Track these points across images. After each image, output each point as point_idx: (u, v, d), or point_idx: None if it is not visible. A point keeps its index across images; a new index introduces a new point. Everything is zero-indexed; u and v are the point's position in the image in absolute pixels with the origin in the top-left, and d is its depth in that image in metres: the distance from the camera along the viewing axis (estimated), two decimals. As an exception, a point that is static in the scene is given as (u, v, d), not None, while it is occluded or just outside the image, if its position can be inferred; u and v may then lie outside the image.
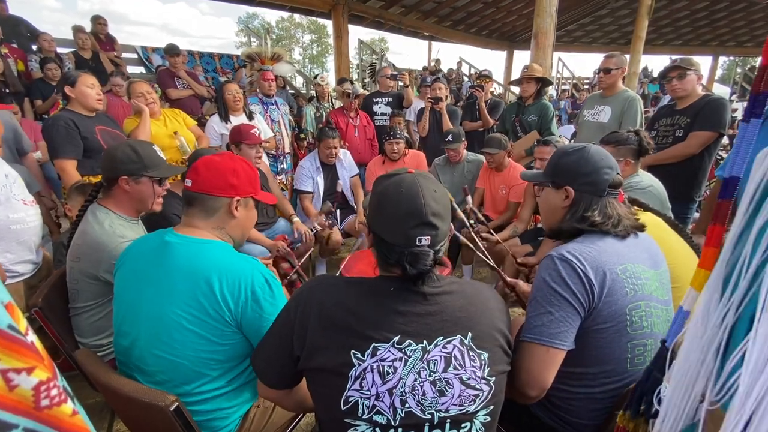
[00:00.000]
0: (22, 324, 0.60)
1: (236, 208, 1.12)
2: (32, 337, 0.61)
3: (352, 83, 4.33)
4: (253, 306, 1.02)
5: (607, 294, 0.94)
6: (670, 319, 1.05)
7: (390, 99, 4.16)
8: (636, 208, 1.45)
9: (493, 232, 2.32)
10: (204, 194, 1.09)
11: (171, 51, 4.68)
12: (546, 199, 1.15)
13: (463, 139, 3.08)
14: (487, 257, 1.92)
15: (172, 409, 0.88)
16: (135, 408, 0.95)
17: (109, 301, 1.37)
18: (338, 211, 3.21)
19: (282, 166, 3.60)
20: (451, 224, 0.87)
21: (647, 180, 1.84)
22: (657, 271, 1.05)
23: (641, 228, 1.08)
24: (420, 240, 0.79)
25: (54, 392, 0.61)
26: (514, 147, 3.47)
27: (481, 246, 2.02)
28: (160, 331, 1.02)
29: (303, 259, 2.45)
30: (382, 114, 4.11)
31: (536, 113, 3.35)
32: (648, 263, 1.04)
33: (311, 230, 2.63)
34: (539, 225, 3.07)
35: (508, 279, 1.56)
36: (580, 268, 0.94)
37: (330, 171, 3.12)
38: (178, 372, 1.03)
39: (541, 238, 2.38)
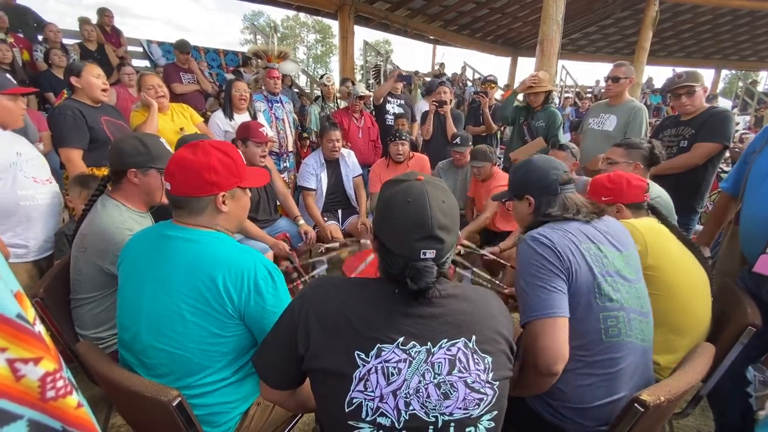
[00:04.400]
0: (30, 313, 0.59)
1: (223, 202, 1.07)
2: (39, 327, 0.61)
3: (353, 84, 4.34)
4: (256, 298, 1.01)
5: (572, 267, 1.04)
6: (641, 296, 1.13)
7: (402, 101, 4.17)
8: (651, 215, 1.49)
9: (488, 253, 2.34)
10: (186, 197, 1.03)
11: (182, 47, 4.66)
12: (516, 210, 1.32)
13: (470, 143, 3.08)
14: (486, 275, 1.97)
15: (174, 404, 0.87)
16: (136, 402, 0.94)
17: (111, 293, 1.36)
18: (340, 212, 3.22)
19: (285, 164, 3.59)
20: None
21: (655, 191, 1.84)
22: (621, 253, 1.14)
23: (601, 213, 1.20)
24: (424, 253, 0.78)
25: (60, 384, 0.60)
26: (518, 152, 3.48)
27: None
28: (162, 324, 1.01)
29: (308, 260, 2.45)
30: (394, 114, 4.13)
31: (544, 119, 3.35)
32: (611, 245, 1.13)
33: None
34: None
35: (507, 290, 1.59)
36: (548, 241, 1.06)
37: (334, 169, 3.12)
38: (181, 364, 1.03)
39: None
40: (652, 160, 1.88)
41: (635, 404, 0.91)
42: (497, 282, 2.03)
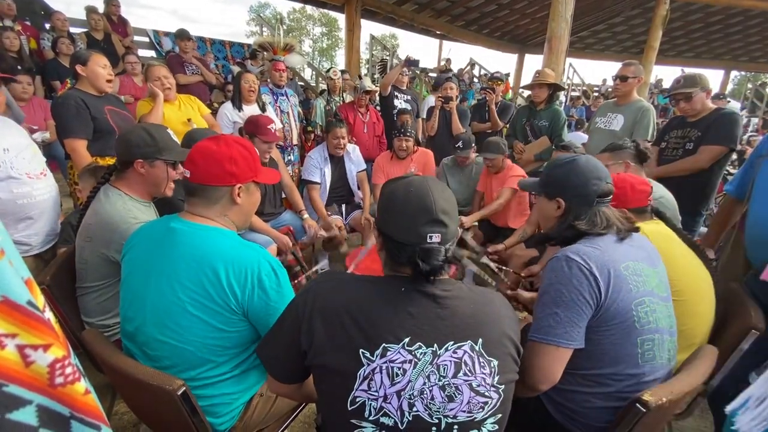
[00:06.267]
0: (40, 300, 0.60)
1: (238, 194, 1.10)
2: (49, 314, 0.61)
3: (360, 78, 4.31)
4: (259, 294, 1.02)
5: (613, 291, 0.98)
6: (671, 315, 1.10)
7: (408, 97, 4.15)
8: (655, 218, 1.47)
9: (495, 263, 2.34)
10: (204, 185, 1.06)
11: (182, 35, 4.65)
12: (541, 207, 1.23)
13: (473, 145, 3.07)
14: (489, 272, 1.97)
15: (179, 393, 0.88)
16: (141, 391, 0.95)
17: (117, 282, 1.37)
18: (344, 206, 3.22)
19: (289, 157, 3.59)
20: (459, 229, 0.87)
21: (660, 191, 1.83)
22: (655, 270, 1.09)
23: (634, 230, 1.14)
24: (431, 237, 0.79)
25: (68, 370, 0.61)
26: (525, 150, 3.46)
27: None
28: (166, 317, 1.02)
29: (311, 258, 2.46)
30: (401, 110, 4.10)
31: (547, 119, 3.33)
32: (646, 261, 1.08)
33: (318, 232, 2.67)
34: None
35: (508, 292, 1.59)
36: (585, 268, 0.99)
37: (338, 163, 3.11)
38: (184, 357, 1.03)
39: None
40: (641, 157, 1.87)
41: (637, 404, 0.92)
42: (501, 279, 2.03)
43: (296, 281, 2.21)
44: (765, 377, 0.68)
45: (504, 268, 2.27)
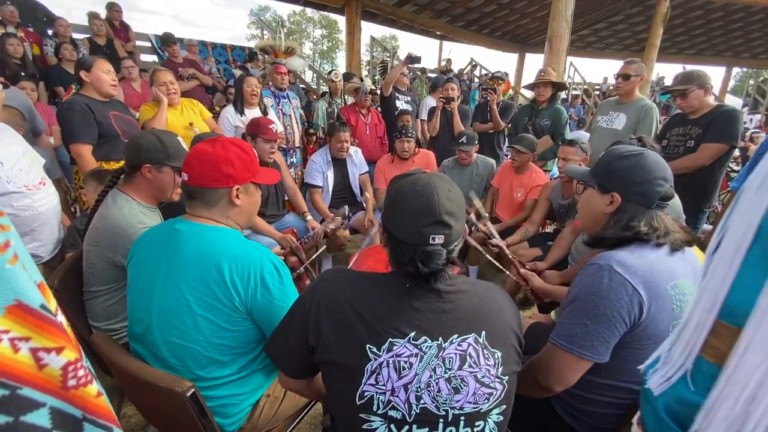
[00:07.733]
0: (53, 303, 0.61)
1: (237, 196, 1.10)
2: (61, 318, 0.62)
3: (361, 80, 4.31)
4: (262, 292, 1.03)
5: (654, 311, 0.91)
6: None
7: (409, 98, 4.15)
8: None
9: (498, 237, 2.31)
10: (202, 188, 1.07)
11: (167, 40, 4.62)
12: (588, 201, 1.10)
13: (476, 142, 3.06)
14: (494, 261, 1.95)
15: (188, 395, 0.89)
16: (149, 392, 0.96)
17: (123, 286, 1.38)
18: (347, 208, 3.22)
19: (291, 159, 3.60)
20: (465, 226, 0.87)
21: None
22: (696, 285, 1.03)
23: (691, 243, 1.02)
24: (433, 238, 0.79)
25: (81, 373, 0.62)
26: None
27: (490, 250, 2.03)
28: (173, 318, 1.03)
29: (314, 255, 2.47)
30: (402, 110, 4.10)
31: (550, 118, 3.33)
32: (691, 277, 1.00)
33: (324, 229, 2.66)
34: (547, 230, 3.07)
35: (522, 270, 1.55)
36: (629, 283, 0.89)
37: (341, 166, 3.12)
38: (191, 358, 1.04)
39: (550, 242, 2.38)
40: None
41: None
42: (510, 271, 2.01)
43: (302, 284, 2.22)
44: (671, 338, 0.67)
45: (513, 256, 2.26)
